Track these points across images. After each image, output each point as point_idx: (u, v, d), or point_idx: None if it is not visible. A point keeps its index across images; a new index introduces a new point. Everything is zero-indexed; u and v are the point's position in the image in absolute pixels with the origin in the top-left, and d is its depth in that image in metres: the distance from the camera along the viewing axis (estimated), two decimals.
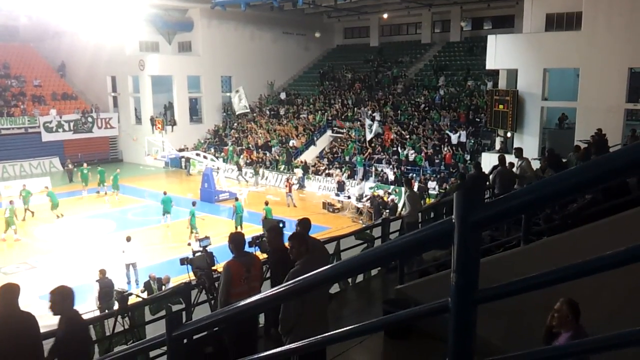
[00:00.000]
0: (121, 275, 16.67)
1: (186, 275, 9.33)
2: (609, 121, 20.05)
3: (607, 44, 21.73)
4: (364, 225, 18.56)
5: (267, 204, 22.02)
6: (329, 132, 36.14)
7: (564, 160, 13.66)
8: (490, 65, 25.93)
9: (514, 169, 12.75)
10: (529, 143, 24.23)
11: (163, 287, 13.65)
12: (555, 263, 1.50)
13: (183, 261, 8.12)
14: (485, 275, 1.55)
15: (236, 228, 21.44)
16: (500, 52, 25.00)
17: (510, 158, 13.93)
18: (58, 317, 4.88)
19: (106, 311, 11.77)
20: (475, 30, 41.10)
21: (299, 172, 31.27)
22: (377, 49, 45.11)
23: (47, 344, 5.59)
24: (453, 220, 1.50)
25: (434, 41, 42.92)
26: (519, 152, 13.82)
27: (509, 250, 7.02)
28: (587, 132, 17.28)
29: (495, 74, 28.93)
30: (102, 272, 13.70)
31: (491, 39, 25.53)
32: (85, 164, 30.66)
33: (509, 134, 25.77)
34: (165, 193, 24.01)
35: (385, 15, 42.82)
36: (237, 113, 39.81)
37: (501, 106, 24.70)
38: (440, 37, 43.03)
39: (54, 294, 4.85)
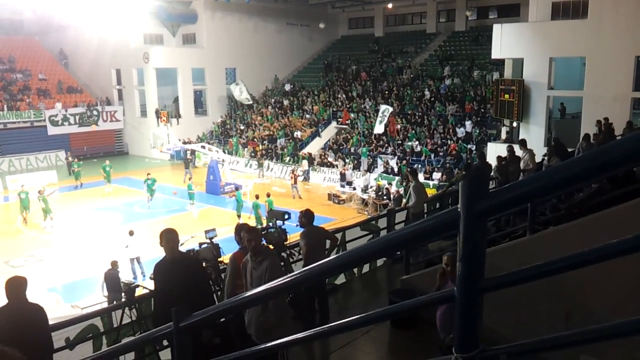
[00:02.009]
0: (127, 269, 16.71)
1: None
2: (615, 110, 19.95)
3: (614, 32, 21.55)
4: (369, 216, 18.57)
5: (268, 195, 22.05)
6: (333, 124, 36.09)
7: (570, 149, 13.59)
8: (495, 54, 25.77)
9: (521, 163, 12.76)
10: (535, 133, 24.14)
11: None
12: (562, 252, 1.50)
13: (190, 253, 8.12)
14: (492, 264, 1.55)
15: (238, 218, 21.71)
16: (506, 42, 24.83)
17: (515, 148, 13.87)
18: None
19: (114, 302, 11.88)
20: (481, 20, 40.83)
21: (305, 164, 31.26)
22: (381, 39, 44.94)
23: (55, 336, 5.65)
24: (459, 209, 1.50)
25: (439, 31, 42.68)
26: (523, 144, 13.70)
27: (515, 240, 7.01)
28: (594, 121, 17.21)
29: (500, 63, 28.76)
30: (114, 264, 13.75)
31: (497, 28, 25.35)
32: (107, 161, 30.19)
33: (514, 124, 25.67)
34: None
35: (389, 5, 42.64)
36: (243, 103, 39.82)
37: (507, 96, 24.59)
38: (445, 27, 42.79)
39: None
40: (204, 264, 6.37)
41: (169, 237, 5.25)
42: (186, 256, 5.64)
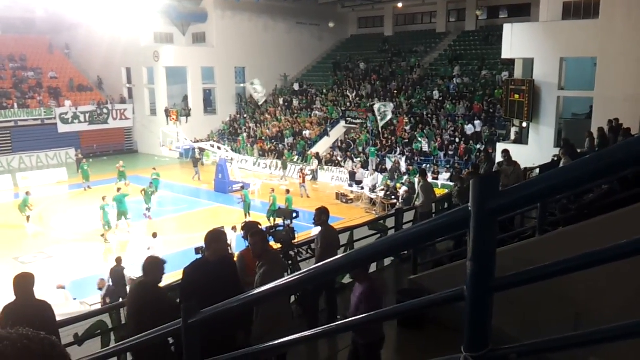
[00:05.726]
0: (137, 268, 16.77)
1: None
2: (626, 110, 19.79)
3: (625, 32, 21.39)
4: (377, 216, 18.54)
5: (273, 191, 22.23)
6: (342, 123, 36.06)
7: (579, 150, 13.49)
8: (506, 54, 25.66)
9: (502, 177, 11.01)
10: (545, 133, 24.03)
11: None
12: (572, 253, 1.49)
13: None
14: (501, 265, 1.54)
15: (245, 216, 21.77)
16: (517, 41, 24.71)
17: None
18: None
19: (119, 298, 11.90)
20: (491, 19, 40.65)
21: (315, 163, 31.24)
22: (391, 38, 44.85)
23: (64, 332, 5.68)
24: (469, 208, 1.50)
25: (449, 30, 42.54)
26: (507, 156, 11.80)
27: (525, 241, 6.98)
28: (604, 122, 17.11)
29: (510, 63, 28.62)
30: (118, 260, 13.84)
31: (507, 28, 25.24)
32: (121, 162, 29.77)
33: (524, 124, 25.54)
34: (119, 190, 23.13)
35: (399, 5, 42.52)
36: (259, 103, 39.71)
37: (517, 96, 24.47)
38: (455, 26, 42.64)
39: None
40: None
41: (222, 240, 5.32)
42: (230, 260, 5.57)
